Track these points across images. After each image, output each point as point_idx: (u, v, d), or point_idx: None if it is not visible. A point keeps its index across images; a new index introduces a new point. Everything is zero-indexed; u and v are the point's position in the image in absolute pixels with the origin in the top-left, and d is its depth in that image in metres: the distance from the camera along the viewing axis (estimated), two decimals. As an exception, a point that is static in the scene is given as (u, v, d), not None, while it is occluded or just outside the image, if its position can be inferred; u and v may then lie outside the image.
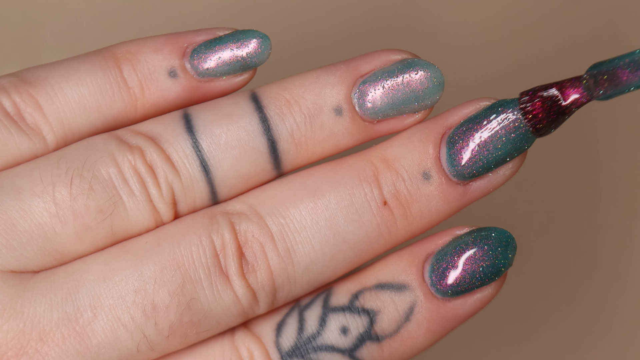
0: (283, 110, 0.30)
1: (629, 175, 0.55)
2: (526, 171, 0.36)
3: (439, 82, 0.30)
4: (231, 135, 0.30)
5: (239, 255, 0.29)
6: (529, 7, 0.54)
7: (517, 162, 0.30)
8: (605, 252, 0.55)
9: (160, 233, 0.29)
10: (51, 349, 0.28)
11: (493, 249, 0.30)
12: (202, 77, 0.31)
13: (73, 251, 0.29)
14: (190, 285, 0.28)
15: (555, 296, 0.54)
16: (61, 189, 0.28)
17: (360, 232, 0.29)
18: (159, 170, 0.29)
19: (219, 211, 0.29)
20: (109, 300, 0.28)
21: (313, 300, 0.30)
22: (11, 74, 0.31)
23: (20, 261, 0.28)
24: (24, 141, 0.30)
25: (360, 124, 0.30)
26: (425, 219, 0.30)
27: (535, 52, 0.52)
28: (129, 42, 0.31)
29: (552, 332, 0.54)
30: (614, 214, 0.55)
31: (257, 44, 0.31)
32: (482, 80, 0.52)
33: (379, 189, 0.29)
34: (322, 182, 0.29)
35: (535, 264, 0.54)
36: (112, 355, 0.28)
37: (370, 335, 0.30)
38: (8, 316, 0.28)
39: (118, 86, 0.30)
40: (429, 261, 0.30)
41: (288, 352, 0.29)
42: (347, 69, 0.30)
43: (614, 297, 0.55)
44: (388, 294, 0.30)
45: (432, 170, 0.30)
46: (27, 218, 0.28)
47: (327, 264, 0.29)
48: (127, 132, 0.30)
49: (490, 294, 0.30)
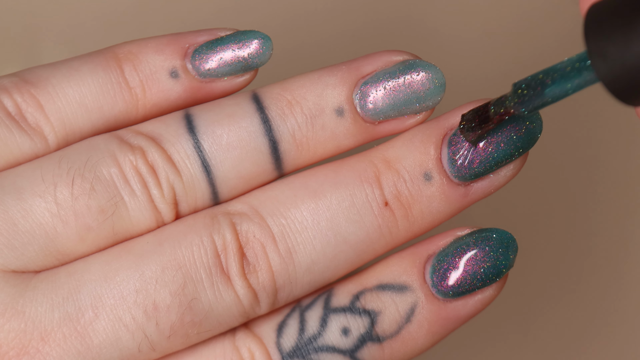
0: (284, 111, 0.30)
1: (629, 175, 0.55)
2: (527, 172, 0.36)
3: (440, 83, 0.30)
4: (232, 136, 0.30)
5: (240, 255, 0.29)
6: (529, 8, 0.54)
7: (518, 163, 0.30)
8: (605, 252, 0.55)
9: (161, 233, 0.29)
10: (52, 348, 0.28)
11: (494, 250, 0.30)
12: (203, 78, 0.31)
13: (74, 251, 0.29)
14: (191, 285, 0.28)
15: (555, 296, 0.54)
16: (63, 189, 0.28)
17: (361, 233, 0.29)
18: (161, 170, 0.29)
19: (220, 211, 0.29)
20: (110, 300, 0.28)
21: (314, 300, 0.30)
22: (13, 74, 0.31)
23: (22, 261, 0.28)
24: (26, 141, 0.30)
25: (362, 125, 0.30)
26: (427, 220, 0.30)
27: (536, 52, 0.52)
28: (131, 42, 0.31)
29: (552, 332, 0.54)
30: (614, 214, 0.55)
31: (258, 44, 0.31)
32: (483, 81, 0.52)
33: (380, 189, 0.29)
34: (324, 182, 0.30)
35: (536, 264, 0.54)
36: (114, 355, 0.28)
37: (371, 336, 0.30)
38: (9, 316, 0.28)
39: (119, 86, 0.30)
40: (430, 262, 0.30)
41: (289, 353, 0.29)
42: (348, 70, 0.30)
43: (614, 298, 0.55)
44: (389, 294, 0.30)
45: (434, 171, 0.30)
46: (29, 218, 0.28)
47: (328, 265, 0.29)
48: (129, 133, 0.30)
49: (491, 295, 0.30)
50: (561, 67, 0.26)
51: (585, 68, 0.25)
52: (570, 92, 0.26)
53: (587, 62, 0.25)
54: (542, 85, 0.26)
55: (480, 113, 0.28)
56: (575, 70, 0.25)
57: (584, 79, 0.25)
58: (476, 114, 0.29)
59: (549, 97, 0.26)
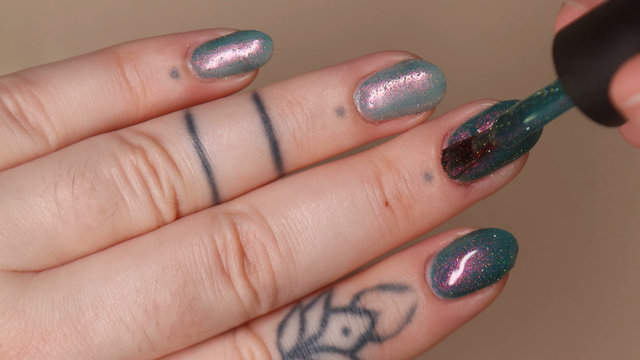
0: (285, 111, 0.30)
1: (629, 175, 0.55)
2: (527, 172, 0.36)
3: (440, 83, 0.30)
4: (233, 136, 0.30)
5: (241, 255, 0.29)
6: (529, 8, 0.54)
7: (518, 163, 0.30)
8: (605, 252, 0.55)
9: (162, 233, 0.29)
10: (53, 348, 0.28)
11: (495, 250, 0.30)
12: (204, 78, 0.31)
13: (75, 251, 0.29)
14: (191, 285, 0.28)
15: (555, 296, 0.54)
16: (63, 189, 0.28)
17: (361, 233, 0.29)
18: (161, 170, 0.29)
19: (220, 211, 0.29)
20: (110, 300, 0.28)
21: (314, 300, 0.30)
22: (13, 74, 0.31)
23: (22, 260, 0.28)
24: (26, 141, 0.30)
25: (362, 125, 0.30)
26: (427, 220, 0.30)
27: (536, 52, 0.52)
28: (131, 42, 0.31)
29: (552, 332, 0.54)
30: (614, 214, 0.55)
31: (259, 44, 0.31)
32: (483, 81, 0.52)
33: (380, 189, 0.29)
34: (324, 182, 0.30)
35: (537, 264, 0.54)
36: (114, 354, 0.28)
37: (372, 336, 0.30)
38: (10, 315, 0.28)
39: (120, 86, 0.30)
40: (431, 262, 0.30)
41: (289, 353, 0.29)
42: (349, 70, 0.30)
43: (615, 298, 0.55)
44: (389, 294, 0.30)
45: (434, 171, 0.30)
46: (29, 217, 0.28)
47: (328, 265, 0.29)
48: (129, 132, 0.30)
49: (491, 295, 0.30)
50: (538, 94, 0.26)
51: (560, 92, 0.25)
52: (547, 119, 0.26)
53: (561, 87, 0.25)
54: (521, 114, 0.26)
55: (463, 148, 0.29)
56: (551, 96, 0.25)
57: (560, 103, 0.25)
58: (459, 149, 0.29)
59: (527, 126, 0.26)
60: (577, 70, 0.23)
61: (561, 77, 0.24)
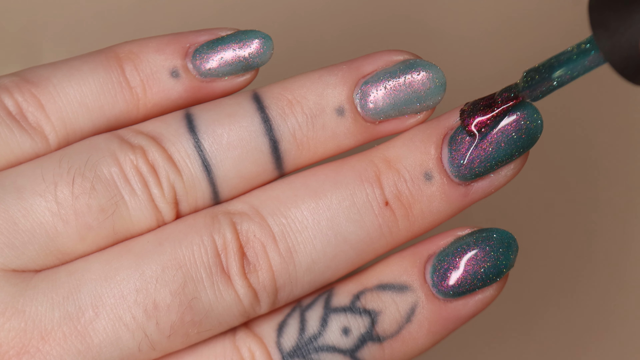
0: (285, 111, 0.30)
1: (629, 175, 0.55)
2: (527, 172, 0.36)
3: (440, 83, 0.30)
4: (233, 135, 0.30)
5: (241, 255, 0.29)
6: (529, 8, 0.54)
7: (518, 163, 0.30)
8: (606, 252, 0.55)
9: (161, 233, 0.29)
10: (53, 348, 0.28)
11: (495, 250, 0.30)
12: (204, 77, 0.31)
13: (75, 250, 0.29)
14: (191, 284, 0.28)
15: (556, 296, 0.54)
16: (63, 188, 0.28)
17: (361, 232, 0.29)
18: (161, 169, 0.29)
19: (220, 211, 0.29)
20: (110, 300, 0.28)
21: (314, 300, 0.30)
22: (13, 74, 0.31)
23: (22, 260, 0.28)
24: (26, 140, 0.30)
25: (362, 125, 0.30)
26: (427, 220, 0.30)
27: (537, 52, 0.52)
28: (131, 42, 0.31)
29: (552, 332, 0.54)
30: (615, 214, 0.55)
31: (259, 44, 0.31)
32: (483, 81, 0.52)
33: (380, 189, 0.29)
34: (324, 182, 0.30)
35: (537, 264, 0.54)
36: (114, 354, 0.28)
37: (372, 336, 0.30)
38: (10, 315, 0.28)
39: (120, 86, 0.31)
40: (431, 262, 0.30)
41: (289, 353, 0.29)
42: (349, 70, 0.30)
43: (615, 298, 0.55)
44: (389, 294, 0.30)
45: (434, 171, 0.30)
46: (29, 217, 0.28)
47: (328, 264, 0.29)
48: (129, 132, 0.30)
49: (491, 295, 0.30)
50: (569, 49, 0.26)
51: (591, 49, 0.25)
52: (575, 75, 0.26)
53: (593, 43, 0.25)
54: (550, 69, 0.26)
55: (486, 99, 0.29)
56: (582, 51, 0.25)
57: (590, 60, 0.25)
58: (482, 102, 0.29)
59: (554, 80, 0.26)
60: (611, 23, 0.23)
61: (594, 30, 0.24)
